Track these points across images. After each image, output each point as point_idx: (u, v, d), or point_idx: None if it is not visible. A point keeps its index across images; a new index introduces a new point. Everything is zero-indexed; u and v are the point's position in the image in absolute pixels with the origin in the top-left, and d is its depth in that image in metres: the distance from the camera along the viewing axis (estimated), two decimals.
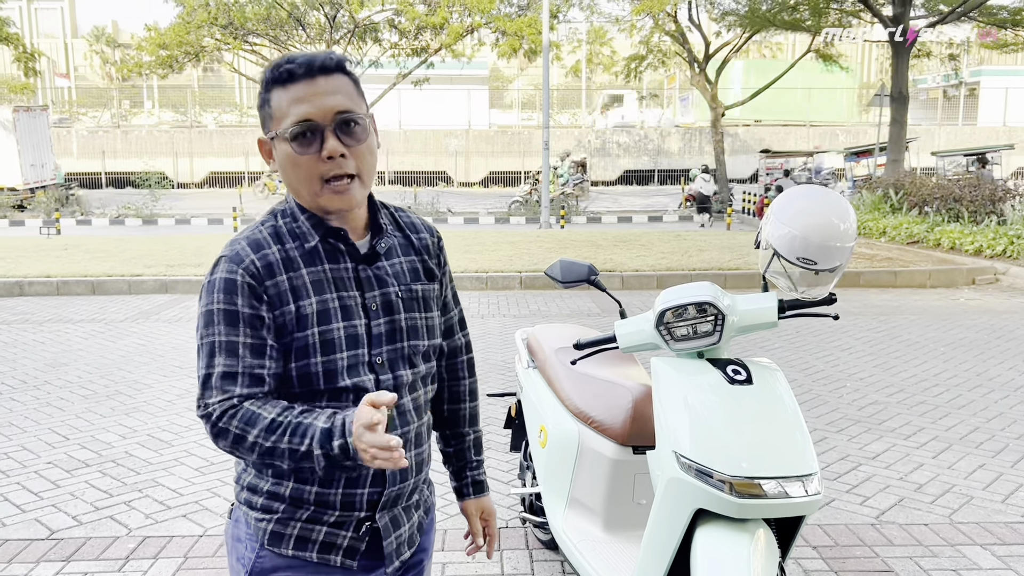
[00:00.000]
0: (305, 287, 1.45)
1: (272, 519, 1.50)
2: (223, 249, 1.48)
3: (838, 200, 2.22)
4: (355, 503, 1.51)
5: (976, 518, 3.76)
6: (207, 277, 1.46)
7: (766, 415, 2.17)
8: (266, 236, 1.48)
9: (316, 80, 1.42)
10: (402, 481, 1.56)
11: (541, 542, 3.49)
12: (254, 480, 1.52)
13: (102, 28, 52.00)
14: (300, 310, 1.44)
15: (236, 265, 1.43)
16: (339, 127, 1.42)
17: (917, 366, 6.43)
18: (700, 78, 22.29)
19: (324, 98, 1.42)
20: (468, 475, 1.82)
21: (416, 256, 1.61)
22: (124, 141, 32.96)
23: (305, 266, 1.46)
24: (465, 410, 1.81)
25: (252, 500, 1.52)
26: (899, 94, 17.72)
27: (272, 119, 1.46)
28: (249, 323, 1.42)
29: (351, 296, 1.49)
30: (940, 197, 13.91)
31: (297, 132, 1.41)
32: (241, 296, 1.41)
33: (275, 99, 1.45)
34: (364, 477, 1.50)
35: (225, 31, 22.50)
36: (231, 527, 1.59)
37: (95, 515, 3.79)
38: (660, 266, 10.63)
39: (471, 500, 1.81)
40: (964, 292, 9.86)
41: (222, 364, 1.41)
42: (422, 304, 1.59)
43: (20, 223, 19.39)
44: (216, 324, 1.42)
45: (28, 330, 7.83)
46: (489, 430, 4.93)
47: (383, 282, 1.53)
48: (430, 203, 21.81)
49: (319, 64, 1.43)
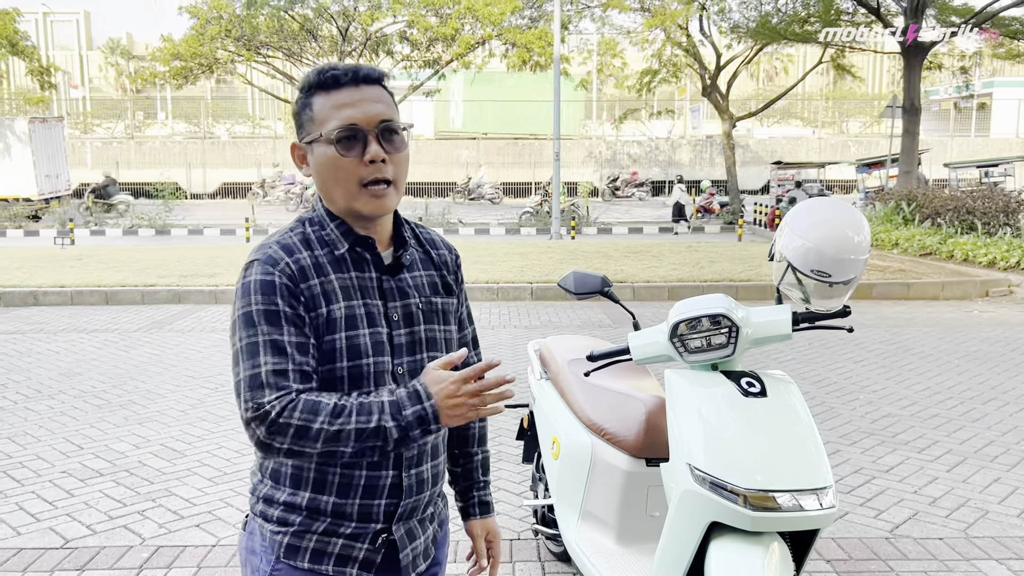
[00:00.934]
0: (334, 292, 1.47)
1: (288, 532, 1.50)
2: (253, 254, 1.48)
3: (852, 212, 2.22)
4: (372, 514, 1.51)
5: (992, 532, 3.73)
6: (240, 280, 1.46)
7: (780, 428, 2.17)
8: (296, 242, 1.49)
9: (361, 88, 1.48)
10: (418, 493, 1.56)
11: (553, 554, 3.48)
12: (270, 491, 1.52)
13: (117, 40, 52.49)
14: (330, 314, 1.46)
15: (271, 267, 1.44)
16: (382, 134, 1.47)
17: (930, 379, 6.39)
18: (710, 90, 22.29)
19: (369, 105, 1.47)
20: (475, 495, 1.82)
21: (435, 271, 1.64)
22: (138, 152, 33.20)
23: (333, 272, 1.49)
24: (474, 429, 1.83)
25: (268, 512, 1.52)
26: (911, 105, 17.68)
27: (313, 123, 1.48)
28: (292, 322, 1.42)
29: (375, 304, 1.51)
30: (953, 209, 13.85)
31: (342, 135, 1.45)
32: (280, 296, 1.42)
33: (317, 103, 1.48)
34: (381, 488, 1.50)
35: (238, 43, 22.67)
36: (245, 539, 1.59)
37: (109, 524, 3.81)
38: (671, 277, 10.62)
39: (477, 521, 1.82)
40: (977, 304, 9.80)
41: (271, 362, 1.39)
42: (441, 317, 1.62)
43: (35, 233, 19.53)
44: (258, 324, 1.41)
45: (43, 340, 7.88)
46: (501, 441, 4.93)
47: (405, 293, 1.56)
48: (441, 214, 21.84)
49: (363, 73, 1.48)
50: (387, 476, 1.51)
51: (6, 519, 3.85)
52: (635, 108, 26.14)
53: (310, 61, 24.01)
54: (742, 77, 24.61)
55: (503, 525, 3.81)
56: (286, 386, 1.38)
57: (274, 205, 27.43)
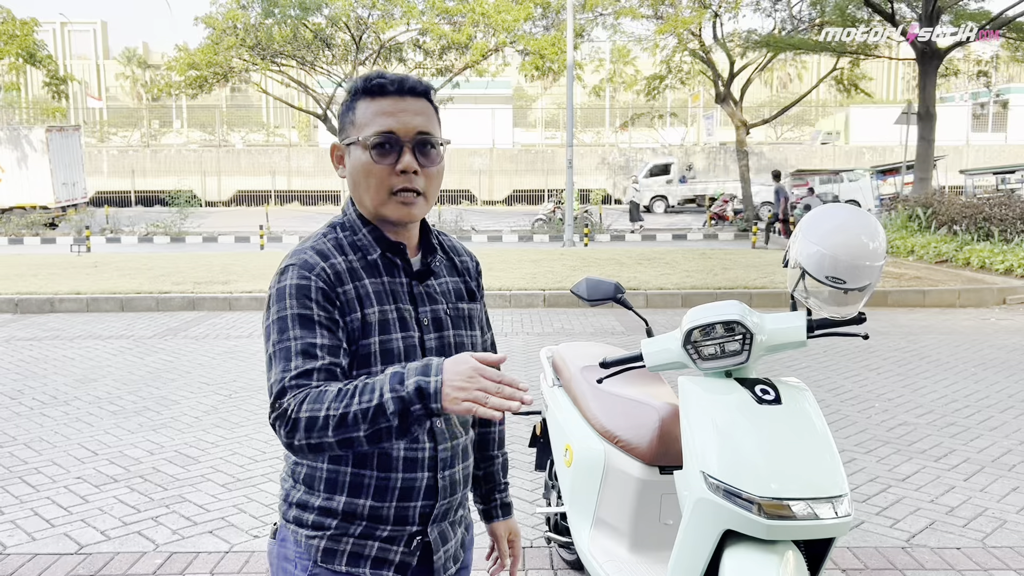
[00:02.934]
0: (368, 296, 1.49)
1: (324, 535, 1.50)
2: (288, 259, 1.50)
3: (867, 219, 2.20)
4: (408, 517, 1.52)
5: (1010, 542, 3.69)
6: (274, 285, 1.47)
7: (795, 435, 2.15)
8: (330, 247, 1.51)
9: (405, 98, 1.50)
10: (452, 494, 1.57)
11: (566, 562, 3.46)
12: (304, 497, 1.52)
13: (133, 49, 53.01)
14: (365, 318, 1.47)
15: (307, 271, 1.45)
16: (417, 146, 1.49)
17: (947, 387, 6.33)
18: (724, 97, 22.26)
19: (409, 116, 1.49)
20: (497, 497, 1.84)
21: (459, 277, 1.67)
22: (153, 160, 33.49)
23: (367, 277, 1.50)
24: (495, 433, 1.85)
25: (302, 518, 1.52)
26: (926, 112, 17.58)
27: (354, 126, 1.51)
28: (325, 326, 1.43)
29: (406, 309, 1.53)
30: (969, 216, 13.75)
31: (378, 142, 1.47)
32: (315, 300, 1.43)
33: (361, 108, 1.51)
34: (418, 490, 1.51)
35: (253, 52, 22.83)
36: (276, 548, 1.57)
37: (123, 530, 3.82)
38: (685, 284, 10.59)
39: (500, 522, 1.84)
40: (994, 312, 9.72)
41: (299, 367, 1.39)
42: (467, 322, 1.64)
43: (51, 241, 19.71)
44: (291, 329, 1.42)
45: (59, 346, 7.94)
46: (514, 448, 4.92)
47: (433, 299, 1.58)
48: (454, 221, 21.90)
49: (410, 85, 1.50)
50: (423, 478, 1.52)
51: (21, 524, 3.88)
52: (641, 113, 26.13)
53: (324, 70, 24.16)
54: (756, 84, 24.57)
55: None
56: (305, 384, 1.38)
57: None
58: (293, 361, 1.40)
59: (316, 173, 33.66)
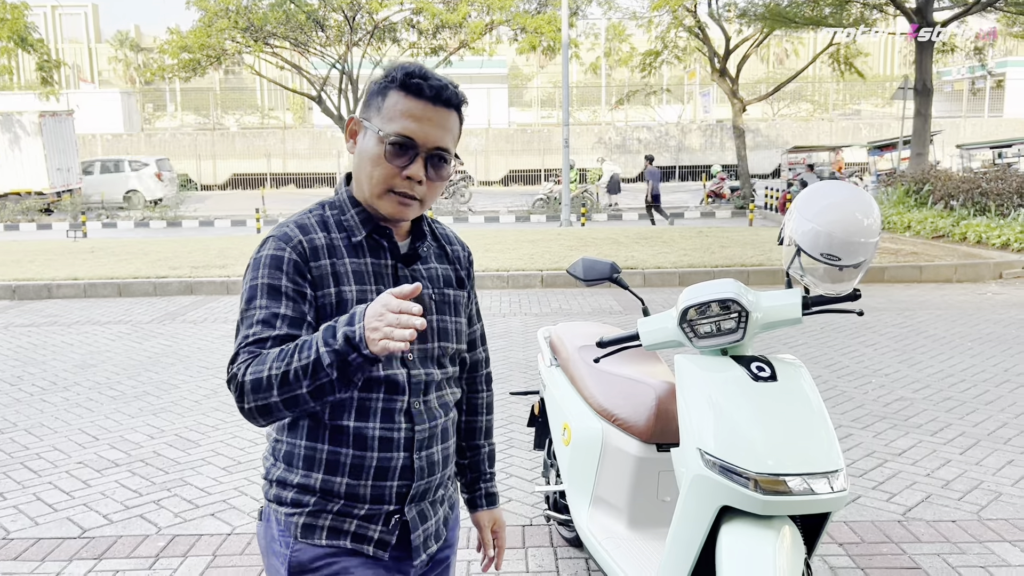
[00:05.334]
0: (347, 275, 1.51)
1: (303, 512, 1.52)
2: (270, 232, 1.53)
3: (862, 195, 2.21)
4: (384, 496, 1.54)
5: (1005, 514, 3.72)
6: (253, 255, 1.51)
7: (791, 412, 2.17)
8: (313, 223, 1.54)
9: (437, 108, 1.49)
10: (430, 475, 1.59)
11: (565, 540, 3.50)
12: (283, 474, 1.54)
13: (125, 32, 52.55)
14: (340, 295, 1.49)
15: (284, 243, 1.49)
16: (431, 159, 1.50)
17: (943, 361, 6.36)
18: (720, 73, 22.15)
19: (434, 129, 1.49)
20: (482, 487, 1.86)
21: (449, 265, 1.69)
22: (148, 144, 33.29)
23: (348, 256, 1.52)
24: (482, 423, 1.86)
25: (282, 495, 1.54)
26: (923, 87, 17.52)
27: (378, 113, 1.50)
28: (292, 298, 1.46)
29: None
30: (966, 191, 13.74)
31: (396, 142, 1.47)
32: (286, 272, 1.46)
33: (392, 99, 1.49)
34: (393, 469, 1.53)
35: (245, 34, 22.67)
36: (263, 529, 1.60)
37: (125, 514, 3.85)
38: (682, 263, 10.60)
39: (484, 512, 1.85)
40: (991, 287, 9.74)
41: (255, 334, 1.43)
42: (452, 308, 1.66)
43: (47, 227, 19.67)
44: (258, 298, 1.46)
45: (57, 332, 7.95)
46: (512, 428, 4.95)
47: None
48: (450, 203, 21.85)
49: (446, 96, 1.50)
50: (398, 458, 1.53)
51: (24, 509, 3.90)
52: (636, 90, 25.98)
53: (317, 51, 24.00)
54: (752, 61, 24.46)
55: (515, 511, 3.83)
56: (255, 351, 1.41)
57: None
58: (252, 328, 1.44)
59: (312, 155, 33.52)
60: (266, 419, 1.40)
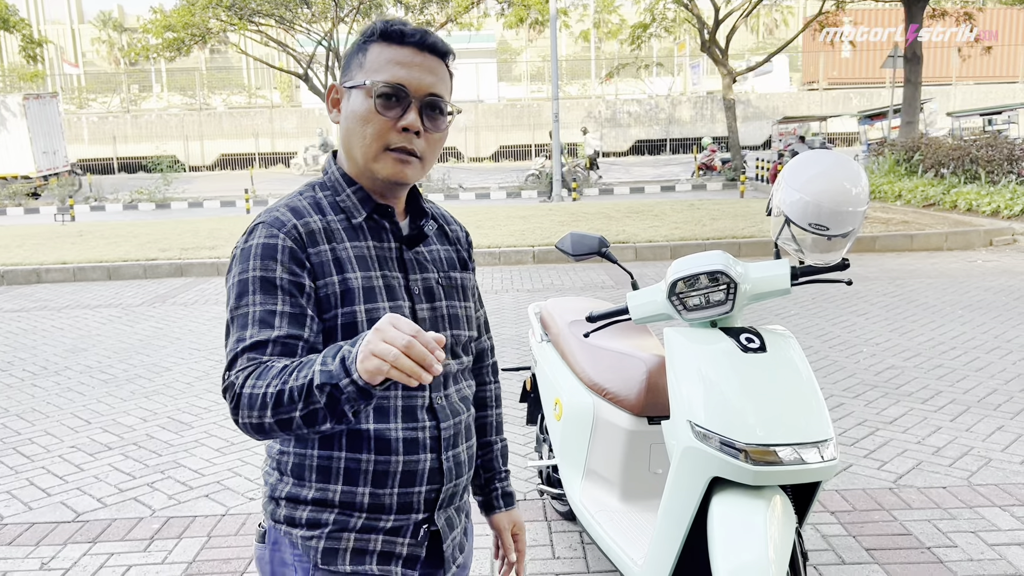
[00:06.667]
0: (349, 260, 1.36)
1: (323, 534, 1.36)
2: (258, 217, 1.38)
3: (849, 164, 2.19)
4: (412, 504, 1.40)
5: (995, 480, 3.75)
6: (241, 244, 1.35)
7: (780, 382, 2.17)
8: (306, 205, 1.39)
9: (424, 53, 1.37)
10: (457, 477, 1.46)
11: (559, 513, 3.51)
12: (294, 490, 1.38)
13: (108, 13, 51.93)
14: (345, 283, 1.35)
15: (277, 230, 1.33)
16: (426, 107, 1.37)
17: (934, 329, 6.39)
18: (709, 44, 22.01)
19: (425, 73, 1.36)
20: (497, 486, 1.70)
21: (451, 246, 1.56)
22: (134, 126, 33.03)
23: (348, 240, 1.38)
24: (492, 418, 1.73)
25: (295, 516, 1.37)
26: (913, 55, 17.45)
27: (361, 69, 1.37)
28: (288, 291, 1.31)
29: (394, 276, 1.41)
30: (956, 158, 13.73)
31: (385, 92, 1.34)
32: (281, 262, 1.31)
33: (374, 52, 1.37)
34: (420, 473, 1.39)
35: (230, 12, 22.38)
36: (267, 553, 1.42)
37: (119, 497, 3.85)
38: (674, 236, 10.59)
39: (502, 513, 1.69)
40: (981, 254, 9.77)
41: (253, 337, 1.28)
42: (461, 292, 1.53)
43: (35, 211, 19.52)
44: (251, 294, 1.30)
45: (47, 317, 7.91)
46: (505, 404, 4.96)
47: (424, 267, 1.46)
48: (441, 179, 21.74)
49: (431, 41, 1.38)
50: (425, 460, 1.39)
51: (18, 494, 3.90)
52: (626, 63, 25.81)
53: (303, 28, 23.75)
54: (741, 31, 24.30)
55: None
56: (255, 359, 1.26)
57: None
58: (248, 330, 1.28)
59: (300, 134, 33.29)
60: (261, 436, 1.25)
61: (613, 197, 18.87)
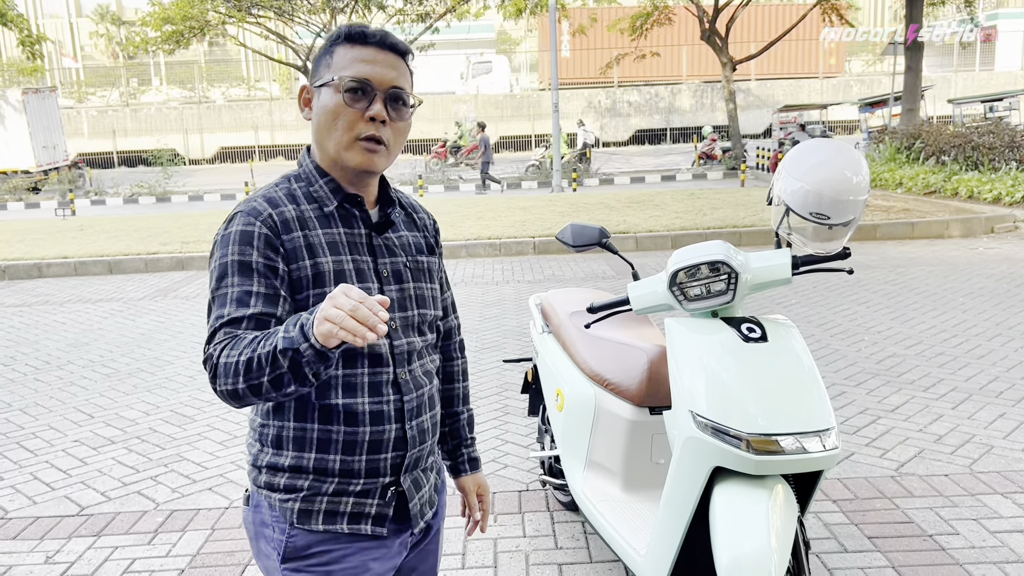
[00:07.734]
0: (321, 246, 1.49)
1: (298, 497, 1.51)
2: (237, 207, 1.51)
3: (850, 153, 2.19)
4: (379, 468, 1.53)
5: (997, 467, 3.76)
6: (221, 231, 1.48)
7: (782, 372, 2.17)
8: (281, 196, 1.52)
9: (385, 52, 1.52)
10: (421, 443, 1.59)
11: (561, 504, 3.52)
12: (273, 459, 1.52)
13: (106, 6, 51.75)
14: (316, 267, 1.47)
15: (254, 218, 1.46)
16: (390, 98, 1.51)
17: (935, 317, 6.39)
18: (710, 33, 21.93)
19: (386, 69, 1.51)
20: (464, 452, 1.88)
21: (418, 232, 1.69)
22: (134, 119, 32.96)
23: (320, 227, 1.51)
24: (459, 390, 1.88)
25: (273, 481, 1.52)
26: (913, 42, 17.38)
27: (328, 69, 1.51)
28: (263, 274, 1.44)
29: (364, 260, 1.54)
30: (958, 145, 13.69)
31: (353, 86, 1.48)
32: (256, 248, 1.44)
33: (339, 53, 1.51)
34: (386, 442, 1.53)
35: (228, 4, 22.32)
36: (250, 514, 1.58)
37: (123, 490, 3.86)
38: (674, 226, 10.57)
39: (468, 476, 1.87)
40: (983, 241, 9.76)
41: (230, 314, 1.41)
42: (427, 275, 1.66)
43: (35, 205, 19.51)
44: (230, 276, 1.44)
45: (48, 311, 7.92)
46: (507, 395, 4.96)
47: (393, 251, 1.59)
48: (440, 171, 21.71)
49: (390, 41, 1.53)
50: (391, 430, 1.53)
51: (22, 489, 3.91)
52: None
53: (302, 20, 23.69)
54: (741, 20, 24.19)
55: (511, 477, 3.85)
56: (231, 332, 1.39)
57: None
58: (227, 307, 1.42)
59: (300, 127, 33.21)
60: (237, 403, 1.37)
61: (613, 187, 18.83)
